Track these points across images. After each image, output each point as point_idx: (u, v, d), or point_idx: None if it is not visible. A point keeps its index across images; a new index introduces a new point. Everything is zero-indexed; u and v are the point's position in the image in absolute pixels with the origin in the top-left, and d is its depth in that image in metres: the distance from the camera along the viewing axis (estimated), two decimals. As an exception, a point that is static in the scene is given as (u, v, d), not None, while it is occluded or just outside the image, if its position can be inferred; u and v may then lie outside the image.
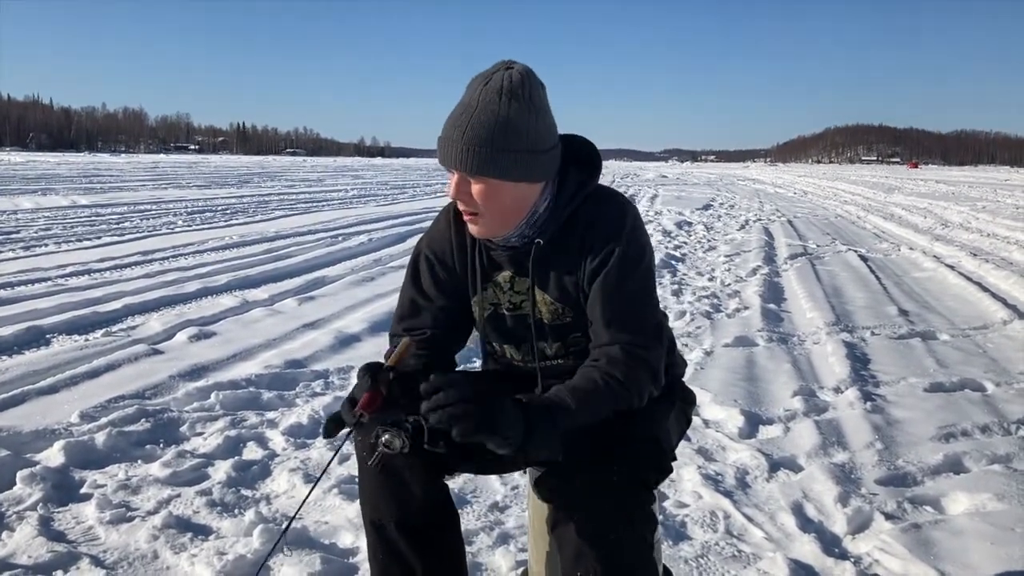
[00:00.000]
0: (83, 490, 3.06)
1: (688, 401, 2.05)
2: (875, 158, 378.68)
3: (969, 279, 8.30)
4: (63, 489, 3.05)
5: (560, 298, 1.85)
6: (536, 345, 1.91)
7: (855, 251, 10.93)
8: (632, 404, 1.73)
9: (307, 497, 1.90)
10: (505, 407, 1.58)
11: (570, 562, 1.64)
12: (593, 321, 1.80)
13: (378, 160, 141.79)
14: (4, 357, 4.78)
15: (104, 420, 3.67)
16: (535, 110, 1.72)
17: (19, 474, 3.07)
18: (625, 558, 1.63)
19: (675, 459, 1.93)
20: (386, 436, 1.61)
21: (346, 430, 1.67)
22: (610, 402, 1.70)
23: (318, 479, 1.92)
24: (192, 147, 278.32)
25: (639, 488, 1.67)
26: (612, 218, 1.80)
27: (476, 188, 1.73)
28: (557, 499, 1.68)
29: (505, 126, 1.68)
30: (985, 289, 7.66)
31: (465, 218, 1.81)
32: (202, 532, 2.75)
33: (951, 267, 9.21)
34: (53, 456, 3.29)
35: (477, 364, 2.26)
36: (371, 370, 1.68)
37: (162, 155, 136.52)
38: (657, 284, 1.92)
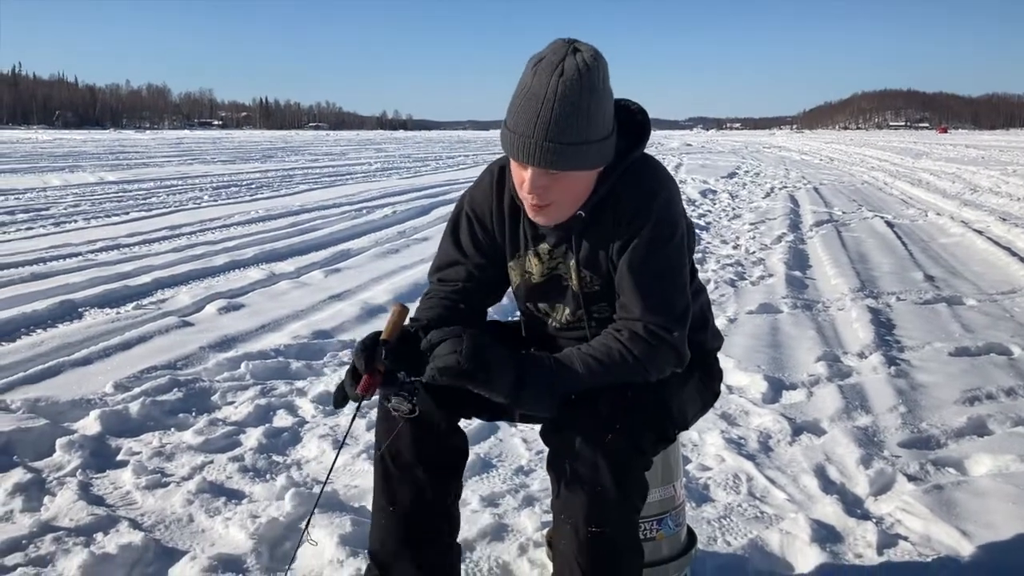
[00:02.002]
0: (119, 457, 3.15)
1: (712, 376, 2.07)
2: (903, 123, 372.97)
3: (997, 244, 8.22)
4: (100, 456, 3.14)
5: (589, 266, 1.86)
6: (565, 306, 1.94)
7: (881, 217, 10.84)
8: (649, 379, 1.76)
9: (335, 460, 1.99)
10: (497, 359, 1.65)
11: (557, 506, 1.73)
12: (620, 295, 1.81)
13: (400, 133, 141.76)
14: (39, 330, 4.89)
15: (137, 390, 3.76)
16: (608, 96, 1.70)
17: (58, 442, 3.16)
18: (606, 514, 1.68)
19: (684, 429, 1.97)
20: (393, 401, 1.71)
21: (353, 404, 1.74)
22: (623, 375, 1.73)
23: (342, 443, 1.98)
24: (216, 123, 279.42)
25: (634, 450, 1.70)
26: (645, 193, 1.79)
27: (555, 182, 1.72)
28: (554, 445, 1.74)
29: (588, 120, 1.65)
30: (1014, 254, 7.60)
31: (532, 209, 1.78)
32: (235, 496, 2.82)
33: (979, 232, 9.11)
34: (90, 425, 3.38)
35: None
36: (366, 350, 1.71)
37: (186, 131, 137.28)
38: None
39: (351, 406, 1.79)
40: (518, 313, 2.11)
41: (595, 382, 1.71)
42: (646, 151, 1.89)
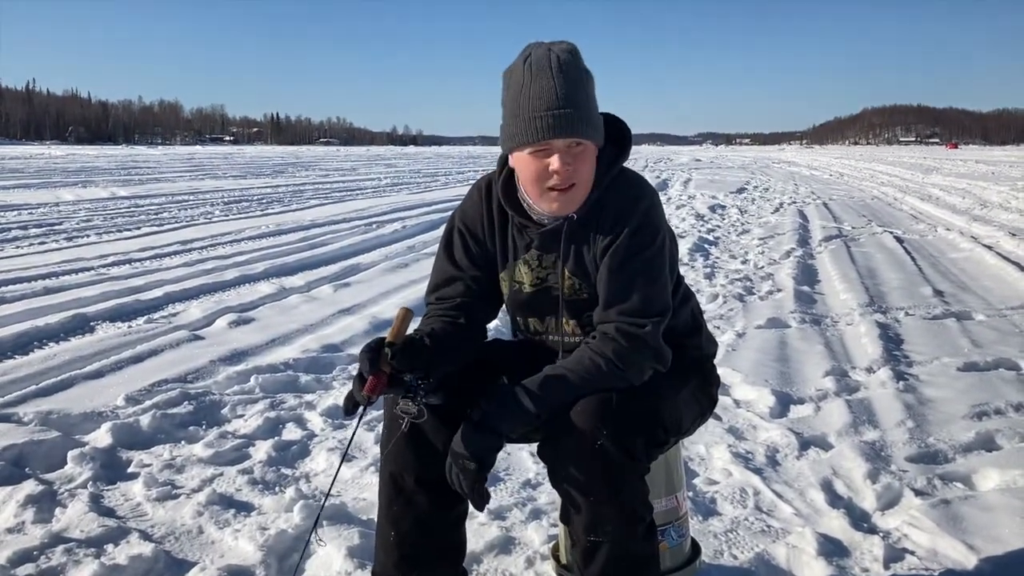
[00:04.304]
0: (130, 469, 3.18)
1: (710, 382, 2.09)
2: (913, 139, 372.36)
3: (1007, 259, 8.20)
4: (111, 468, 3.17)
5: (577, 273, 1.90)
6: (559, 318, 1.97)
7: (891, 232, 10.82)
8: (630, 381, 1.79)
9: (338, 470, 2.01)
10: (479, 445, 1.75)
11: (564, 515, 1.81)
12: (599, 298, 1.86)
13: (411, 149, 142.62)
14: (52, 344, 4.93)
15: (148, 403, 3.79)
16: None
17: (69, 454, 3.19)
18: (603, 523, 1.73)
19: (680, 434, 1.98)
20: (400, 404, 1.77)
21: (362, 408, 1.78)
22: (601, 380, 1.76)
23: (344, 453, 2.01)
24: (227, 138, 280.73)
25: (624, 455, 1.72)
26: (628, 200, 1.86)
27: (579, 156, 1.80)
28: (549, 460, 1.78)
29: (588, 94, 1.80)
30: (1023, 269, 7.57)
31: (560, 195, 1.83)
32: (244, 508, 2.84)
33: (989, 247, 9.10)
34: (101, 437, 3.41)
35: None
36: (371, 352, 1.76)
37: (198, 146, 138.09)
38: (688, 268, 1.97)
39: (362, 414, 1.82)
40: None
41: (576, 394, 1.75)
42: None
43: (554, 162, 1.79)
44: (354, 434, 1.98)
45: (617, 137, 1.92)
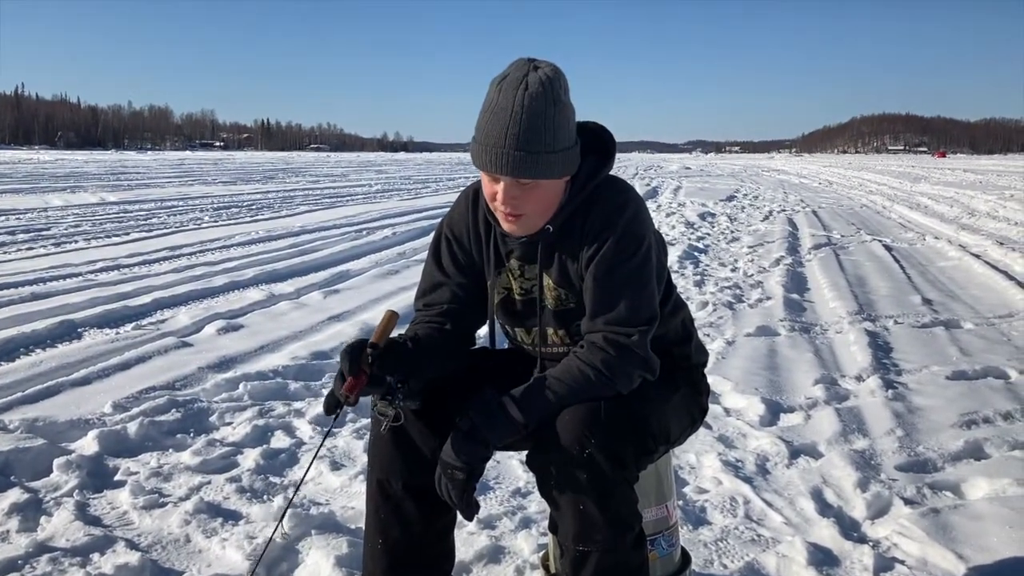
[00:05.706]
0: (117, 477, 3.15)
1: (700, 391, 2.09)
2: (902, 147, 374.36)
3: (995, 268, 8.24)
4: (98, 476, 3.14)
5: (562, 283, 1.89)
6: (541, 329, 1.96)
7: (880, 241, 10.87)
8: (618, 390, 1.78)
9: (310, 466, 1.99)
10: (464, 451, 1.75)
11: (553, 524, 1.81)
12: (585, 308, 1.85)
13: (401, 155, 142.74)
14: (38, 350, 4.89)
15: (136, 410, 3.76)
16: (569, 108, 1.78)
17: (55, 462, 3.16)
18: (592, 532, 1.72)
19: (669, 444, 1.98)
20: (378, 405, 1.78)
21: (340, 408, 1.79)
22: (590, 390, 1.76)
23: (317, 451, 1.99)
24: (217, 144, 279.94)
25: (613, 464, 1.71)
26: (612, 208, 1.84)
27: (526, 191, 1.77)
28: (537, 469, 1.78)
29: (554, 128, 1.73)
30: (1011, 278, 7.61)
31: (507, 219, 1.83)
32: (232, 517, 2.82)
33: (977, 256, 9.14)
34: (87, 445, 3.38)
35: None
36: (351, 353, 1.77)
37: (188, 152, 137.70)
38: (678, 275, 1.96)
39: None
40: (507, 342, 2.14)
41: (564, 403, 1.75)
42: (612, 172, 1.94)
43: (500, 192, 1.79)
44: (331, 427, 1.98)
45: (599, 146, 1.90)
